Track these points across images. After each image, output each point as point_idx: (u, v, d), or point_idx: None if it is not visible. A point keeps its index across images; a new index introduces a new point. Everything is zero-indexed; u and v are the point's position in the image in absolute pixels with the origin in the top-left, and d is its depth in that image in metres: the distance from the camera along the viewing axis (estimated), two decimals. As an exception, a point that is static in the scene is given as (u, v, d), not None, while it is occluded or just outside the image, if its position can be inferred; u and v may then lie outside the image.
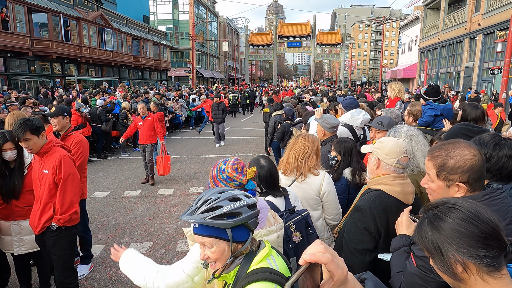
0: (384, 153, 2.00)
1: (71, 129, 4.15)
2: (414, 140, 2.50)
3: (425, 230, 1.00)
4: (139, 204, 6.54)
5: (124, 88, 18.36)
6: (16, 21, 18.98)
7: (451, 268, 0.96)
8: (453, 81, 27.81)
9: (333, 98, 9.12)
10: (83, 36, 24.48)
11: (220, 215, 1.25)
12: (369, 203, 1.94)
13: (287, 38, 52.70)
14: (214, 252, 1.28)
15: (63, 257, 3.13)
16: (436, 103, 3.92)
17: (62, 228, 3.07)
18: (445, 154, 1.48)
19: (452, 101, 14.88)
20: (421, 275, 1.41)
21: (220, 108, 12.30)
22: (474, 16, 23.90)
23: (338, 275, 0.80)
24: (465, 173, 1.44)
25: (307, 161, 2.70)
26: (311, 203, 2.73)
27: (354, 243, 1.94)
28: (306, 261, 0.81)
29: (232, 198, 1.30)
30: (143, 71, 35.88)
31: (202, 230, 1.27)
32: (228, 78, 62.61)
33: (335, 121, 3.71)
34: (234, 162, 1.94)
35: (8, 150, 3.16)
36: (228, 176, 1.89)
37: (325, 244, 0.84)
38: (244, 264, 1.29)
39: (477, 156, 1.44)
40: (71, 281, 3.19)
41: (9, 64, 19.73)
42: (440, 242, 0.96)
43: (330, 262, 0.80)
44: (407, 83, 38.08)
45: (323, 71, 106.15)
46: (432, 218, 0.99)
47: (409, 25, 41.22)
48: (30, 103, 9.28)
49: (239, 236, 1.29)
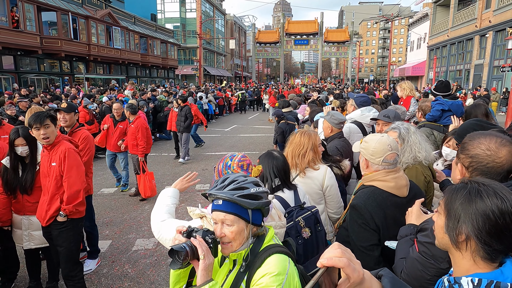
0: (369, 154, 2.03)
1: (77, 125, 4.25)
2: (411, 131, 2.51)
3: (459, 195, 1.01)
4: (145, 201, 6.58)
5: (133, 85, 18.51)
6: (26, 19, 19.23)
7: (456, 235, 1.00)
8: (463, 79, 27.45)
9: (340, 96, 9.05)
10: (92, 34, 24.71)
11: (247, 195, 1.34)
12: (364, 200, 1.96)
13: (294, 36, 52.53)
14: (232, 232, 1.35)
15: (68, 249, 3.18)
16: (445, 98, 3.86)
17: (68, 220, 3.13)
18: (472, 136, 1.51)
19: (463, 99, 14.65)
20: (421, 261, 1.45)
21: (182, 114, 9.29)
22: (485, 13, 23.53)
23: (354, 277, 0.85)
24: (469, 157, 1.46)
25: (303, 156, 2.72)
26: (314, 197, 2.75)
27: (360, 241, 1.96)
28: (324, 265, 0.85)
29: (256, 183, 1.41)
30: (151, 69, 36.08)
31: (226, 207, 1.34)
32: (235, 76, 62.65)
33: (342, 117, 3.72)
34: (241, 159, 1.95)
35: (20, 145, 3.22)
36: (232, 172, 1.90)
37: (343, 247, 0.89)
38: (258, 243, 1.41)
39: (490, 151, 1.42)
40: (75, 274, 3.23)
41: (19, 62, 20.01)
42: (464, 214, 0.98)
43: (347, 267, 0.84)
44: (415, 81, 37.68)
45: (331, 69, 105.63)
46: (473, 190, 1.00)
47: (418, 22, 40.76)
48: (38, 100, 9.39)
49: (256, 219, 1.38)
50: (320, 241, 2.22)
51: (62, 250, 3.18)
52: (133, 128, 6.54)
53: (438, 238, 1.10)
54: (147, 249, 4.72)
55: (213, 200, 1.38)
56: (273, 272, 1.30)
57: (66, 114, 4.17)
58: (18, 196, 3.32)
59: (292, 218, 2.14)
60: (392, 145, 2.00)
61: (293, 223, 2.12)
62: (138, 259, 4.46)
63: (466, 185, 1.03)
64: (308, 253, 2.16)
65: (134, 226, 5.45)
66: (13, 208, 3.39)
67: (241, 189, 1.35)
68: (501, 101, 19.00)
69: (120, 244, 4.88)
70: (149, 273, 4.14)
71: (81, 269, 3.38)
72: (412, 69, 38.61)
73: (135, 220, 5.70)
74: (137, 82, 28.40)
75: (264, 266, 1.34)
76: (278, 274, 1.30)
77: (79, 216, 3.25)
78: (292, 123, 7.18)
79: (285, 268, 1.33)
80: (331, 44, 52.27)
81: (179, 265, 1.27)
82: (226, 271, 1.48)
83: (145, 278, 4.04)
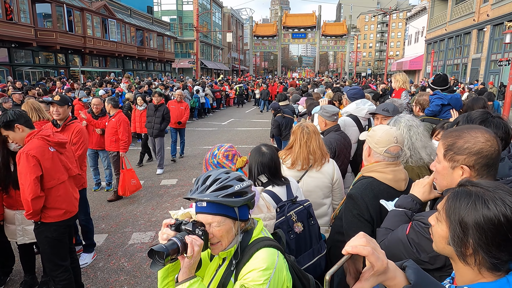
0: (374, 142, 2.02)
1: (70, 118, 4.19)
2: (413, 131, 2.44)
3: (463, 205, 0.95)
4: (142, 195, 6.55)
5: (128, 78, 18.36)
6: (20, 11, 18.95)
7: (463, 248, 0.95)
8: (460, 73, 27.45)
9: (338, 89, 9.01)
10: (87, 27, 24.44)
11: (231, 193, 1.29)
12: (361, 191, 1.96)
13: (292, 29, 52.26)
14: (220, 230, 1.31)
15: (43, 250, 3.10)
16: (444, 92, 3.84)
17: (39, 222, 3.01)
18: (458, 135, 1.40)
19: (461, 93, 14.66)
20: (406, 246, 1.45)
21: (159, 115, 7.71)
22: (483, 7, 23.46)
23: (378, 266, 0.86)
24: (472, 155, 1.34)
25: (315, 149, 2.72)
26: (325, 191, 2.76)
27: (352, 230, 1.94)
28: (348, 252, 0.87)
29: (239, 178, 1.35)
30: (147, 62, 35.81)
31: (211, 208, 1.29)
32: (232, 69, 62.32)
33: (333, 109, 3.68)
34: (227, 149, 1.97)
35: (14, 142, 3.15)
36: (218, 162, 1.93)
37: (368, 237, 0.90)
38: (246, 237, 1.39)
39: (490, 142, 1.34)
40: (56, 275, 3.12)
41: (13, 55, 19.77)
42: (470, 223, 0.92)
43: (371, 255, 0.85)
44: (413, 75, 37.67)
45: (328, 63, 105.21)
46: (477, 197, 0.94)
47: (416, 16, 40.60)
48: (34, 93, 9.29)
49: (243, 214, 1.35)
50: (313, 235, 2.21)
51: (42, 250, 3.13)
52: (113, 123, 6.13)
53: (438, 247, 1.05)
54: (143, 242, 4.71)
55: (196, 202, 1.32)
56: (261, 266, 1.29)
57: (59, 107, 4.08)
58: (11, 191, 3.25)
59: (284, 213, 2.12)
60: (398, 139, 2.00)
61: (284, 218, 2.10)
62: (134, 252, 4.45)
63: (470, 192, 0.96)
64: (301, 248, 2.15)
65: (130, 220, 5.43)
66: (5, 203, 3.33)
67: (225, 188, 1.30)
68: (498, 95, 19.04)
69: (116, 238, 4.86)
70: (146, 266, 4.13)
71: (65, 271, 3.15)
72: (410, 63, 38.56)
73: (131, 213, 5.68)
74: (133, 75, 28.15)
75: (252, 260, 1.32)
76: (266, 269, 1.29)
77: (52, 221, 3.02)
78: (288, 116, 7.14)
79: (273, 262, 1.32)
80: (329, 37, 52.08)
81: (161, 266, 1.21)
82: (215, 265, 1.46)
83: (141, 271, 4.03)
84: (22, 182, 2.85)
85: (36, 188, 2.84)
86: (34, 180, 2.83)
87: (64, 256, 3.17)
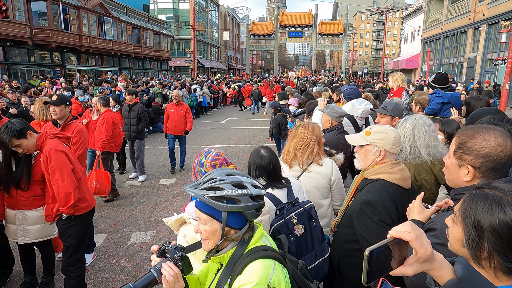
0: (390, 144, 1.99)
1: (70, 118, 4.14)
2: (418, 129, 2.45)
3: (479, 208, 0.94)
4: (141, 194, 6.53)
5: (125, 78, 18.26)
6: (15, 9, 18.79)
7: (478, 252, 0.95)
8: (456, 72, 27.61)
9: (337, 88, 9.01)
10: (83, 25, 24.27)
11: (219, 196, 1.27)
12: (379, 195, 1.89)
13: (289, 28, 52.21)
14: (206, 230, 1.31)
15: (70, 245, 3.16)
16: (444, 91, 3.86)
17: (72, 217, 3.11)
18: (471, 134, 1.41)
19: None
20: None
21: (133, 115, 7.03)
22: (479, 6, 23.60)
23: (421, 252, 0.87)
24: (479, 158, 1.36)
25: (305, 150, 2.68)
26: (323, 192, 2.73)
27: (375, 238, 1.84)
28: (392, 236, 0.89)
29: (237, 184, 1.30)
30: (144, 60, 35.64)
31: (200, 205, 1.32)
32: (229, 68, 62.23)
33: (341, 110, 3.69)
34: (214, 158, 1.93)
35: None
36: (205, 171, 1.88)
37: (414, 225, 0.92)
38: (241, 245, 1.33)
39: (501, 147, 1.34)
40: (73, 270, 3.19)
41: (8, 53, 19.60)
42: (486, 227, 0.92)
43: (414, 240, 0.87)
44: (409, 74, 37.81)
45: (325, 61, 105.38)
46: (494, 201, 0.93)
47: (412, 15, 40.75)
48: (31, 92, 9.22)
49: (234, 222, 1.30)
50: (315, 237, 2.15)
51: (65, 245, 3.19)
52: (100, 121, 6.05)
53: (454, 249, 1.05)
54: (143, 242, 4.69)
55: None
56: (252, 282, 1.22)
57: (56, 107, 3.99)
58: (12, 191, 3.23)
59: (283, 215, 2.07)
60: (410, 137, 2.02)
61: (283, 221, 2.05)
62: (135, 252, 4.43)
63: (486, 195, 0.95)
64: (302, 251, 2.09)
65: (130, 220, 5.41)
66: (6, 203, 3.31)
67: (214, 189, 1.27)
68: (493, 94, 19.15)
69: (116, 237, 4.84)
70: (146, 266, 4.12)
71: (82, 266, 3.30)
72: (406, 62, 38.70)
73: (131, 213, 5.65)
74: (129, 74, 28.00)
75: (244, 274, 1.26)
76: (257, 284, 1.22)
77: (84, 212, 3.19)
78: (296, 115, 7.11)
79: (267, 276, 1.24)
80: (325, 36, 52.08)
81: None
82: (215, 269, 1.45)
83: (142, 271, 4.02)
84: (56, 178, 2.97)
85: (74, 179, 3.06)
86: (71, 172, 3.05)
87: (84, 250, 3.37)
